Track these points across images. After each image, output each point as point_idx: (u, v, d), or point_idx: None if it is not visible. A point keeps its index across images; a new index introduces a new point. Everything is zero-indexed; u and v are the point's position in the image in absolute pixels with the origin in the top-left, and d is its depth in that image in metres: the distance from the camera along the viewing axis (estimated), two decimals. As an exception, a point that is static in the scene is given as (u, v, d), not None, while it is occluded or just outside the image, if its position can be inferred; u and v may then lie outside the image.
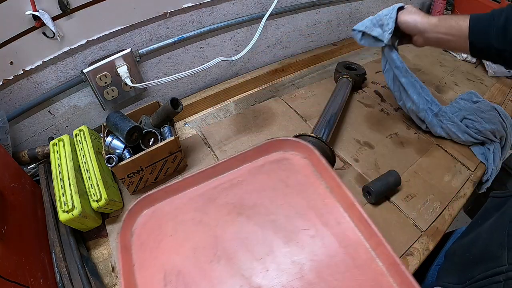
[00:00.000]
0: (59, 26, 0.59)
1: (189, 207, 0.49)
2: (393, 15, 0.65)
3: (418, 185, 0.66)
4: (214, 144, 0.74)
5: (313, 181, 0.50)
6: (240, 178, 0.51)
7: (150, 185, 0.65)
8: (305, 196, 0.48)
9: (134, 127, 0.58)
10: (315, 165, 0.51)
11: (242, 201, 0.49)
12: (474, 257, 0.44)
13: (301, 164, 0.52)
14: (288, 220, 0.46)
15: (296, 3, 0.90)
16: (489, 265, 0.40)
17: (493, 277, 0.38)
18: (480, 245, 0.45)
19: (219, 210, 0.48)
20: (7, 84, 0.61)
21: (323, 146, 0.59)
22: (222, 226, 0.46)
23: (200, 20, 0.77)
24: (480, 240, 0.46)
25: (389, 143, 0.76)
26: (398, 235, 0.58)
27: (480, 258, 0.43)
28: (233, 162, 0.52)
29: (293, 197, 0.48)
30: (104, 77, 0.67)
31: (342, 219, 0.45)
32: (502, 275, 0.37)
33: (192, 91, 0.87)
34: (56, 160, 0.59)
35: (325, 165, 0.49)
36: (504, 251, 0.39)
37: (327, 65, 1.03)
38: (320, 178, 0.50)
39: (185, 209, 0.49)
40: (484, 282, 0.39)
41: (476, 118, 0.73)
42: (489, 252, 0.41)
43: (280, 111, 0.83)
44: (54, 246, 0.54)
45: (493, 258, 0.40)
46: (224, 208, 0.48)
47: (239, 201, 0.49)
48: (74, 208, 0.51)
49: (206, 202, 0.49)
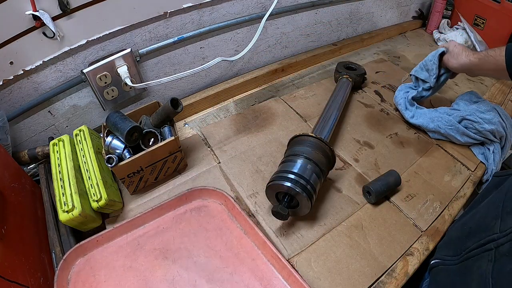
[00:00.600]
0: (59, 26, 0.59)
1: (120, 255, 0.54)
2: (436, 61, 0.74)
3: (418, 185, 0.66)
4: (214, 144, 0.74)
5: (229, 225, 0.57)
6: (164, 225, 0.58)
7: (150, 185, 0.65)
8: (223, 238, 0.56)
9: (134, 127, 0.58)
10: (230, 210, 0.59)
11: (167, 246, 0.54)
12: (470, 230, 0.45)
13: (218, 210, 0.60)
14: (209, 260, 0.52)
15: (296, 3, 0.90)
16: (482, 235, 0.41)
17: (485, 245, 0.39)
18: (477, 219, 0.46)
19: (147, 256, 0.53)
20: (7, 84, 0.60)
21: (323, 146, 0.59)
22: (150, 270, 0.51)
23: (200, 20, 0.77)
24: (477, 214, 0.48)
25: (389, 143, 0.76)
26: (398, 235, 0.58)
27: (476, 230, 0.44)
28: (158, 211, 0.58)
29: (212, 240, 0.55)
30: (104, 77, 0.67)
31: (256, 256, 0.53)
32: (493, 243, 0.38)
33: (192, 91, 0.87)
34: (56, 160, 0.59)
35: (239, 210, 0.57)
36: (497, 221, 0.40)
37: (327, 65, 1.03)
38: (236, 221, 0.58)
39: (116, 256, 0.53)
40: (477, 251, 0.40)
41: (476, 118, 0.73)
42: (484, 224, 0.42)
43: (280, 111, 0.83)
44: (54, 246, 0.54)
45: (486, 229, 0.41)
46: (151, 253, 0.54)
47: (164, 247, 0.54)
48: (74, 208, 0.51)
49: (135, 249, 0.54)
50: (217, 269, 0.51)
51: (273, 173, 0.57)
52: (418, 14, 1.30)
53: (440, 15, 1.18)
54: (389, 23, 1.24)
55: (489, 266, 0.37)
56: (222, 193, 0.60)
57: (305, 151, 0.58)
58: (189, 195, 0.61)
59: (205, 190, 0.61)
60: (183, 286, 0.49)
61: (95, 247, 0.54)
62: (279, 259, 0.50)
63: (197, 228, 0.57)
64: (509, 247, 0.36)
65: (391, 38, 1.22)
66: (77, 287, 0.49)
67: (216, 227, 0.57)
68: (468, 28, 1.09)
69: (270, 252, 0.51)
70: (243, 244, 0.55)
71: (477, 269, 0.39)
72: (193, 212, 0.60)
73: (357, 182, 0.66)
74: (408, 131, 0.79)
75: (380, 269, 0.53)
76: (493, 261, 0.37)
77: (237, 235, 0.56)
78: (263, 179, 0.66)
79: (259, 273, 0.51)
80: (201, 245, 0.55)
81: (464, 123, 0.74)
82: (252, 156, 0.71)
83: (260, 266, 0.52)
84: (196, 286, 0.49)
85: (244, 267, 0.51)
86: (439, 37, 1.17)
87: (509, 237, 0.36)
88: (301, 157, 0.57)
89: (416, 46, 1.17)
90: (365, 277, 0.52)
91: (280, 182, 0.53)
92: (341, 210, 0.61)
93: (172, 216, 0.59)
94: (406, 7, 1.25)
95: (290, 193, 0.53)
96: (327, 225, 0.59)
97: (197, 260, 0.53)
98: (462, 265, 0.43)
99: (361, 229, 0.58)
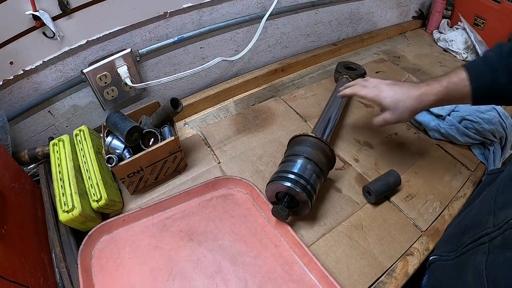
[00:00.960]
0: (59, 26, 0.59)
1: (145, 234, 0.56)
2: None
3: (418, 185, 0.66)
4: (214, 144, 0.74)
5: (253, 213, 0.60)
6: (190, 210, 0.60)
7: (150, 185, 0.65)
8: (247, 225, 0.58)
9: (134, 127, 0.58)
10: (255, 200, 0.61)
11: (193, 229, 0.56)
12: (466, 227, 0.46)
13: (243, 198, 0.62)
14: (233, 244, 0.54)
15: (296, 3, 0.90)
16: (477, 231, 0.41)
17: (480, 239, 0.40)
18: (472, 215, 0.47)
19: (173, 237, 0.55)
20: (7, 84, 0.60)
21: (323, 146, 0.59)
22: (176, 250, 0.53)
23: (200, 20, 0.77)
24: (472, 211, 0.48)
25: (389, 143, 0.76)
26: (398, 235, 0.58)
27: (471, 227, 0.44)
28: (184, 196, 0.61)
29: (237, 226, 0.57)
30: (104, 77, 0.67)
31: (279, 242, 0.55)
32: (487, 237, 0.39)
33: (192, 91, 0.87)
34: (56, 160, 0.59)
35: (264, 200, 0.59)
36: (491, 216, 0.40)
37: (327, 65, 1.03)
38: (260, 210, 0.60)
39: (141, 236, 0.55)
40: (472, 246, 0.41)
41: (476, 118, 0.73)
42: (478, 220, 0.43)
43: (280, 111, 0.83)
44: (54, 246, 0.54)
45: (481, 225, 0.42)
46: (177, 235, 0.55)
47: (190, 229, 0.56)
48: (74, 208, 0.51)
49: (161, 229, 0.56)
50: (241, 253, 0.53)
51: (273, 173, 0.57)
52: (418, 14, 1.30)
53: (440, 15, 1.18)
54: (389, 23, 1.24)
55: (483, 259, 0.38)
56: (248, 183, 0.62)
57: (305, 151, 0.58)
58: (215, 183, 0.63)
59: (232, 179, 0.63)
60: (208, 266, 0.51)
61: (120, 226, 0.56)
62: (301, 246, 0.52)
63: (223, 214, 0.59)
64: (501, 239, 0.37)
65: (391, 38, 1.22)
66: (101, 263, 0.51)
67: (241, 214, 0.59)
68: (468, 28, 1.09)
69: (292, 240, 0.54)
70: (266, 231, 0.57)
71: (472, 262, 0.40)
72: (219, 199, 0.62)
73: (357, 182, 0.66)
74: (408, 131, 0.79)
75: (380, 269, 0.53)
76: (487, 253, 0.38)
77: (261, 222, 0.58)
78: (263, 179, 0.66)
79: (281, 259, 0.53)
80: (226, 229, 0.57)
81: (464, 123, 0.74)
82: (252, 156, 0.71)
83: (283, 252, 0.54)
84: (220, 267, 0.51)
85: (267, 252, 0.53)
86: (439, 37, 1.17)
87: (501, 230, 0.37)
88: (301, 157, 0.57)
89: (416, 46, 1.17)
90: (365, 277, 0.52)
91: (280, 182, 0.53)
92: (341, 210, 0.61)
93: (198, 201, 0.61)
94: (406, 7, 1.25)
95: (290, 193, 0.54)
96: (327, 225, 0.59)
97: (222, 243, 0.54)
98: (458, 260, 0.43)
99: (361, 229, 0.58)
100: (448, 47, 1.12)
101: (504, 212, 0.39)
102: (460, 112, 0.76)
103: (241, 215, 0.59)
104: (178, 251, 0.53)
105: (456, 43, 1.11)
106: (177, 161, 0.65)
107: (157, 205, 0.58)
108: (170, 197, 0.59)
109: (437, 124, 0.75)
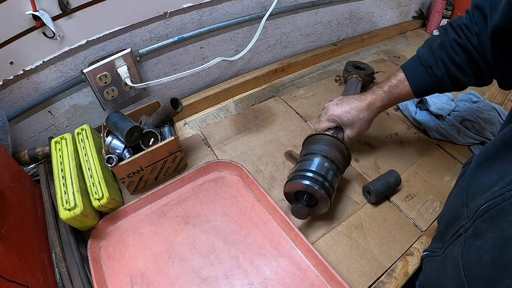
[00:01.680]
0: (59, 26, 0.59)
1: (146, 222, 0.59)
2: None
3: (418, 185, 0.66)
4: (214, 144, 0.74)
5: (243, 193, 0.63)
6: (185, 195, 0.64)
7: (150, 185, 0.65)
8: (238, 205, 0.61)
9: (134, 127, 0.58)
10: (244, 180, 0.65)
11: (188, 213, 0.60)
12: (447, 222, 0.47)
13: (234, 180, 0.66)
14: (225, 225, 0.58)
15: (296, 3, 0.90)
16: (456, 224, 0.43)
17: (457, 232, 0.41)
18: (450, 210, 0.48)
19: (170, 222, 0.59)
20: (7, 84, 0.60)
21: (339, 144, 0.59)
22: (173, 234, 0.57)
23: (200, 20, 0.77)
24: (450, 205, 0.50)
25: (389, 143, 0.76)
26: (398, 235, 0.58)
27: (451, 221, 0.46)
28: (179, 183, 0.64)
29: (228, 207, 0.61)
30: (104, 77, 0.67)
31: (267, 220, 0.59)
32: (462, 228, 0.40)
33: (192, 91, 0.87)
34: (58, 158, 0.59)
35: (252, 180, 0.62)
36: (464, 208, 0.42)
37: (327, 65, 1.03)
38: (249, 190, 0.64)
39: (142, 224, 0.59)
40: (452, 239, 0.43)
41: (476, 118, 0.73)
42: (455, 214, 0.44)
43: (280, 111, 0.83)
44: (54, 246, 0.54)
45: (457, 218, 0.43)
46: (174, 220, 0.59)
47: (186, 214, 0.60)
48: (76, 206, 0.51)
49: (159, 216, 0.60)
50: (233, 232, 0.57)
51: (291, 172, 0.57)
52: (418, 14, 1.30)
53: (440, 15, 1.18)
54: (389, 23, 1.24)
55: (460, 250, 0.39)
56: (237, 165, 0.66)
57: (321, 149, 0.58)
58: (207, 168, 0.67)
59: (222, 162, 0.67)
60: (203, 247, 0.55)
61: (123, 217, 0.60)
62: (287, 223, 0.56)
63: (215, 197, 0.63)
64: (472, 229, 0.38)
65: (391, 38, 1.22)
66: (108, 252, 0.55)
67: (231, 196, 0.63)
68: (468, 28, 1.09)
69: (280, 217, 0.57)
70: (256, 210, 0.60)
71: (451, 254, 0.42)
72: (211, 182, 0.66)
73: (357, 182, 0.66)
74: (408, 131, 0.79)
75: (380, 269, 0.53)
76: (463, 245, 0.39)
77: (251, 202, 0.62)
78: (263, 179, 0.66)
79: (269, 235, 0.57)
80: (218, 211, 0.60)
81: (464, 123, 0.74)
82: (252, 156, 0.71)
83: (271, 229, 0.57)
84: (214, 247, 0.55)
85: (257, 230, 0.57)
86: (439, 37, 1.17)
87: (472, 220, 0.38)
88: (318, 155, 0.57)
89: (416, 46, 1.15)
90: (365, 277, 0.52)
91: (299, 181, 0.53)
92: (341, 210, 0.61)
93: (191, 187, 0.65)
94: (406, 7, 1.25)
95: (309, 191, 0.53)
96: (327, 225, 0.59)
97: (214, 224, 0.58)
98: (444, 254, 0.45)
99: (361, 229, 0.58)
100: (448, 47, 1.12)
101: (473, 203, 0.40)
102: (460, 112, 0.76)
103: (231, 196, 0.63)
104: (175, 235, 0.57)
105: (456, 43, 1.10)
106: (177, 161, 0.65)
107: (154, 193, 0.62)
108: (166, 185, 0.63)
109: (437, 124, 0.75)
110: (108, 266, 0.53)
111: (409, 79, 0.58)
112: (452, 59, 0.53)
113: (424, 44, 0.58)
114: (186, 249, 0.55)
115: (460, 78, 0.54)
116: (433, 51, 0.55)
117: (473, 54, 0.51)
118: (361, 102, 0.61)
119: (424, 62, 0.56)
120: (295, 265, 0.53)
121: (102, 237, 0.57)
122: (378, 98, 0.60)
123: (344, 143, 0.60)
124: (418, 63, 0.57)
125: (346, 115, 0.61)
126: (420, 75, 0.57)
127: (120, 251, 0.55)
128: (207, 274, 0.52)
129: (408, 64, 0.59)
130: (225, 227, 0.58)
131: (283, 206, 0.59)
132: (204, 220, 0.59)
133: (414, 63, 0.58)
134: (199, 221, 0.59)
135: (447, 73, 0.54)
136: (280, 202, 0.61)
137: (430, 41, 0.57)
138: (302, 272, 0.52)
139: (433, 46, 0.55)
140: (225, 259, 0.53)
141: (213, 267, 0.53)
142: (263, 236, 0.56)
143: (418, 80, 0.57)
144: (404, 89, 0.58)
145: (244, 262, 0.53)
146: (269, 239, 0.56)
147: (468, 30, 0.51)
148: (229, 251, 0.54)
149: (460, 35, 0.52)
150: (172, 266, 0.53)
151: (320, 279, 0.51)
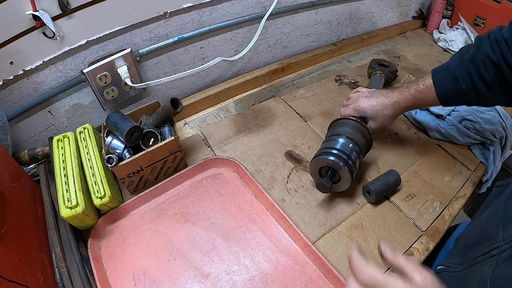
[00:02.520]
0: (59, 26, 0.59)
1: (145, 220, 0.59)
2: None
3: (418, 185, 0.66)
4: (214, 144, 0.74)
5: (241, 190, 0.64)
6: (183, 192, 0.64)
7: (150, 185, 0.65)
8: (236, 202, 0.62)
9: (134, 127, 0.58)
10: (242, 177, 0.66)
11: (187, 210, 0.60)
12: (474, 240, 0.46)
13: (231, 177, 0.66)
14: (224, 221, 0.59)
15: (296, 3, 0.90)
16: (487, 244, 0.41)
17: (489, 252, 0.40)
18: (479, 229, 0.47)
19: (170, 220, 0.59)
20: (7, 84, 0.60)
21: (362, 128, 0.62)
22: (174, 232, 0.57)
23: (200, 20, 0.77)
24: (480, 224, 0.48)
25: (389, 143, 0.76)
26: (398, 235, 0.58)
27: (479, 240, 0.44)
28: (177, 180, 0.64)
29: (226, 204, 0.62)
30: (104, 77, 0.67)
31: (266, 216, 0.60)
32: (496, 250, 0.39)
33: (192, 91, 0.87)
34: (61, 156, 0.58)
35: (250, 177, 0.63)
36: (500, 230, 0.40)
37: (327, 65, 1.03)
38: (247, 187, 0.64)
39: (141, 221, 0.59)
40: (480, 259, 0.41)
41: (476, 118, 0.73)
42: (486, 234, 0.43)
43: (280, 111, 0.83)
44: (54, 246, 0.54)
45: (490, 238, 0.41)
46: (173, 217, 0.59)
47: (185, 211, 0.60)
48: (78, 205, 0.51)
49: (158, 214, 0.60)
50: (232, 229, 0.58)
51: (317, 151, 0.61)
52: (418, 14, 1.30)
53: (440, 15, 1.18)
54: (389, 23, 1.24)
55: (490, 271, 0.38)
56: (234, 161, 0.66)
57: (346, 131, 0.61)
58: (205, 164, 0.67)
59: (219, 159, 0.68)
60: (203, 244, 0.56)
61: (122, 215, 0.60)
62: (285, 219, 0.57)
63: (213, 194, 0.63)
64: (510, 253, 0.37)
65: (391, 38, 1.22)
66: (109, 251, 0.55)
67: (230, 192, 0.63)
68: (468, 28, 1.09)
69: (277, 213, 0.58)
70: (254, 206, 0.61)
71: (478, 273, 0.40)
72: (209, 179, 0.66)
73: (357, 182, 0.66)
74: (408, 131, 0.79)
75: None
76: (495, 266, 0.38)
77: (249, 198, 0.62)
78: (263, 179, 0.66)
79: (268, 232, 0.57)
80: (217, 208, 0.61)
81: (464, 123, 0.74)
82: (252, 156, 0.71)
83: (269, 225, 0.58)
84: (214, 244, 0.56)
85: (255, 227, 0.58)
86: (439, 37, 1.17)
87: (511, 243, 0.37)
88: (343, 136, 0.61)
89: (416, 46, 1.17)
90: (365, 277, 0.52)
91: (324, 157, 0.57)
92: (341, 210, 0.61)
93: (190, 184, 0.65)
94: (406, 7, 1.25)
95: (333, 167, 0.57)
96: (327, 225, 0.59)
97: (214, 221, 0.59)
98: (466, 271, 0.43)
99: (361, 229, 0.58)
100: (448, 47, 1.12)
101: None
102: (460, 112, 0.76)
103: (230, 193, 0.63)
104: (175, 232, 0.57)
105: (456, 43, 1.11)
106: (177, 161, 0.65)
107: (152, 191, 0.62)
108: (164, 182, 0.63)
109: (437, 124, 0.75)
110: (110, 265, 0.53)
111: (436, 87, 0.57)
112: (480, 75, 0.51)
113: (457, 53, 0.57)
114: (187, 247, 0.55)
115: (487, 95, 0.53)
116: (463, 63, 0.53)
117: (506, 72, 0.49)
118: (388, 99, 0.63)
119: (452, 73, 0.55)
120: (294, 261, 0.54)
121: (102, 236, 0.57)
122: (403, 98, 0.61)
123: (368, 128, 0.63)
124: (447, 72, 0.56)
125: (371, 109, 0.63)
126: (447, 85, 0.56)
127: (121, 250, 0.55)
128: (208, 271, 0.52)
129: (439, 70, 0.58)
130: (225, 224, 0.58)
131: (283, 206, 0.60)
132: (204, 217, 0.59)
133: (444, 71, 0.57)
134: (198, 218, 0.59)
135: (473, 88, 0.53)
136: (281, 202, 0.62)
137: (464, 50, 0.55)
138: (301, 267, 0.53)
139: (464, 57, 0.54)
140: (225, 256, 0.54)
141: (214, 264, 0.53)
142: (262, 232, 0.57)
143: (444, 90, 0.56)
144: (430, 95, 0.58)
145: (244, 259, 0.54)
146: (268, 235, 0.57)
147: (506, 45, 0.49)
148: (229, 247, 0.55)
149: (495, 51, 0.50)
150: (174, 264, 0.53)
151: (318, 273, 0.52)
